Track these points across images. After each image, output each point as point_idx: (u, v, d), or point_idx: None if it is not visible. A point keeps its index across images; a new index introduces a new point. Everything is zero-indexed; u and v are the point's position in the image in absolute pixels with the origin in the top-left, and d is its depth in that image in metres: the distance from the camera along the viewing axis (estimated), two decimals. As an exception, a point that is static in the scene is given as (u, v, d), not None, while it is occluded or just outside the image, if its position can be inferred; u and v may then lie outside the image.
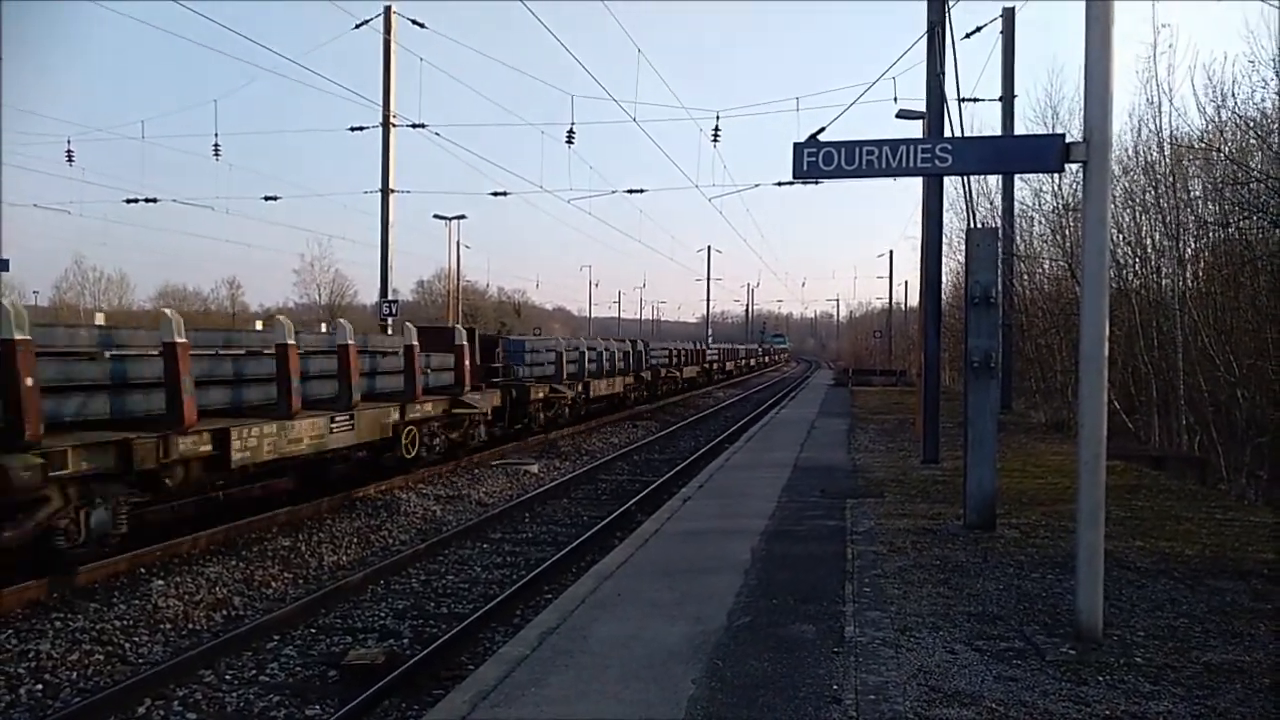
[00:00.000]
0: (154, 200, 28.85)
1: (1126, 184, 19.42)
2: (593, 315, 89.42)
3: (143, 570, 8.55)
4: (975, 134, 18.18)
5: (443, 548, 10.10)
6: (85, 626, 7.04)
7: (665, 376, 34.82)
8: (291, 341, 10.88)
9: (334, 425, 11.56)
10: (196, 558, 9.12)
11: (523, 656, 5.30)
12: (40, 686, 6.04)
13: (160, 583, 8.12)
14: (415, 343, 13.97)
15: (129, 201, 29.48)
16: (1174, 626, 5.84)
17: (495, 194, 27.96)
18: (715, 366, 49.12)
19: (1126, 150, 19.44)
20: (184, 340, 9.25)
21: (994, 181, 24.68)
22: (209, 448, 9.44)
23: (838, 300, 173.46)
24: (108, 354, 9.19)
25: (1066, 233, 22.34)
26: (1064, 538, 8.22)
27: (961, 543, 8.27)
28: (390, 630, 7.42)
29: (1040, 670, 5.07)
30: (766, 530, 8.90)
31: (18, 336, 7.62)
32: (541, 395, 20.11)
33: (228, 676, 6.33)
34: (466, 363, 15.83)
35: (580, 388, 23.01)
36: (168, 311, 9.39)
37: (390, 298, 25.36)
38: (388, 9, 22.90)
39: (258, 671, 6.45)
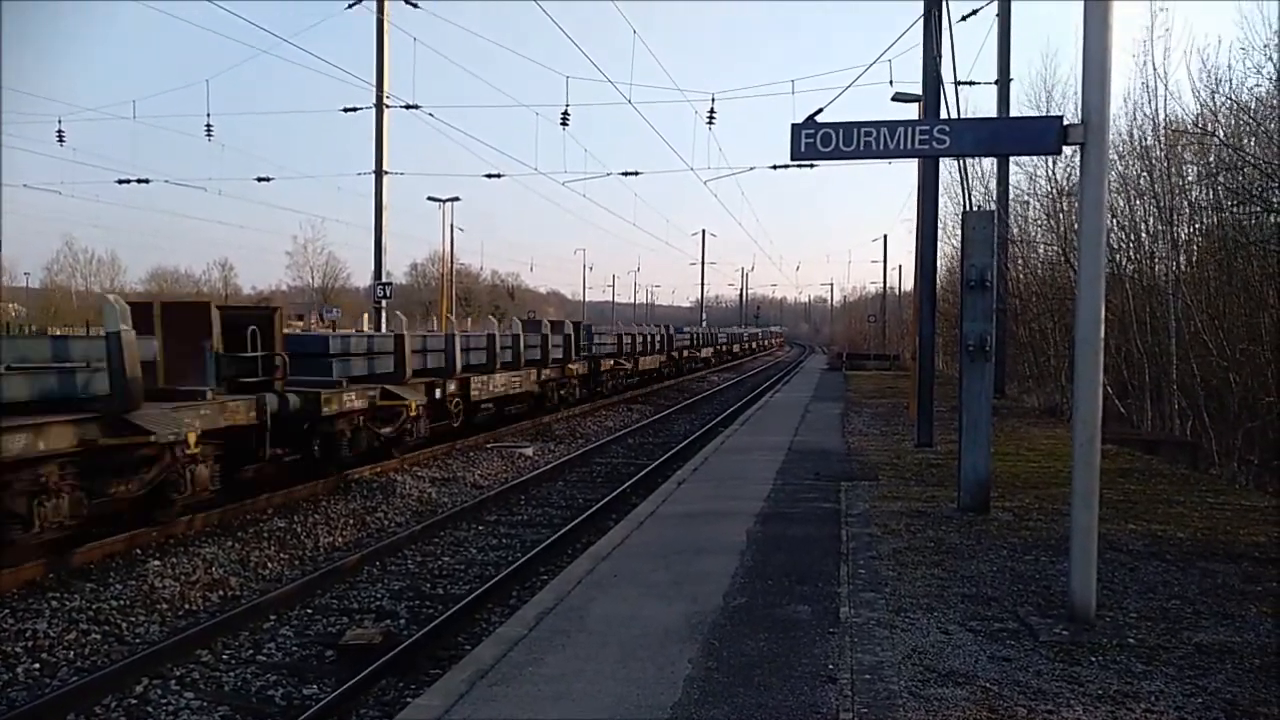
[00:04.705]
0: (146, 181, 28.77)
1: (1121, 169, 19.38)
2: (587, 299, 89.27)
3: (138, 551, 8.56)
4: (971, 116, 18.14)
5: (438, 529, 10.12)
6: (82, 606, 7.05)
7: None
8: (675, 336, 38.78)
9: (652, 359, 31.55)
10: (192, 539, 9.13)
11: (520, 636, 5.32)
12: (38, 665, 6.05)
13: (157, 563, 8.12)
14: (663, 333, 35.64)
15: (120, 182, 29.35)
16: (1166, 608, 5.89)
17: (489, 176, 27.88)
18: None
19: (1121, 135, 19.36)
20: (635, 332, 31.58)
21: (988, 165, 24.65)
22: (629, 365, 28.02)
23: (831, 285, 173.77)
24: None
25: (1060, 217, 22.31)
26: (1057, 521, 8.28)
27: (955, 525, 8.31)
28: (387, 611, 7.45)
29: (1034, 650, 5.11)
30: (761, 513, 8.93)
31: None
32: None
33: (225, 656, 6.35)
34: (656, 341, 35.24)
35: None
36: (635, 324, 32.38)
37: (384, 280, 25.31)
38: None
39: (255, 651, 6.48)
